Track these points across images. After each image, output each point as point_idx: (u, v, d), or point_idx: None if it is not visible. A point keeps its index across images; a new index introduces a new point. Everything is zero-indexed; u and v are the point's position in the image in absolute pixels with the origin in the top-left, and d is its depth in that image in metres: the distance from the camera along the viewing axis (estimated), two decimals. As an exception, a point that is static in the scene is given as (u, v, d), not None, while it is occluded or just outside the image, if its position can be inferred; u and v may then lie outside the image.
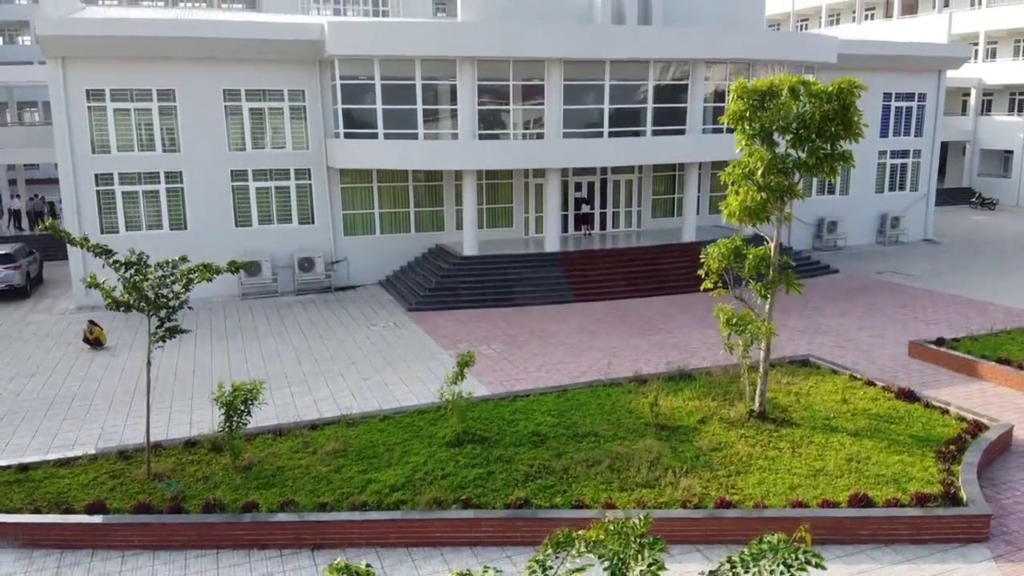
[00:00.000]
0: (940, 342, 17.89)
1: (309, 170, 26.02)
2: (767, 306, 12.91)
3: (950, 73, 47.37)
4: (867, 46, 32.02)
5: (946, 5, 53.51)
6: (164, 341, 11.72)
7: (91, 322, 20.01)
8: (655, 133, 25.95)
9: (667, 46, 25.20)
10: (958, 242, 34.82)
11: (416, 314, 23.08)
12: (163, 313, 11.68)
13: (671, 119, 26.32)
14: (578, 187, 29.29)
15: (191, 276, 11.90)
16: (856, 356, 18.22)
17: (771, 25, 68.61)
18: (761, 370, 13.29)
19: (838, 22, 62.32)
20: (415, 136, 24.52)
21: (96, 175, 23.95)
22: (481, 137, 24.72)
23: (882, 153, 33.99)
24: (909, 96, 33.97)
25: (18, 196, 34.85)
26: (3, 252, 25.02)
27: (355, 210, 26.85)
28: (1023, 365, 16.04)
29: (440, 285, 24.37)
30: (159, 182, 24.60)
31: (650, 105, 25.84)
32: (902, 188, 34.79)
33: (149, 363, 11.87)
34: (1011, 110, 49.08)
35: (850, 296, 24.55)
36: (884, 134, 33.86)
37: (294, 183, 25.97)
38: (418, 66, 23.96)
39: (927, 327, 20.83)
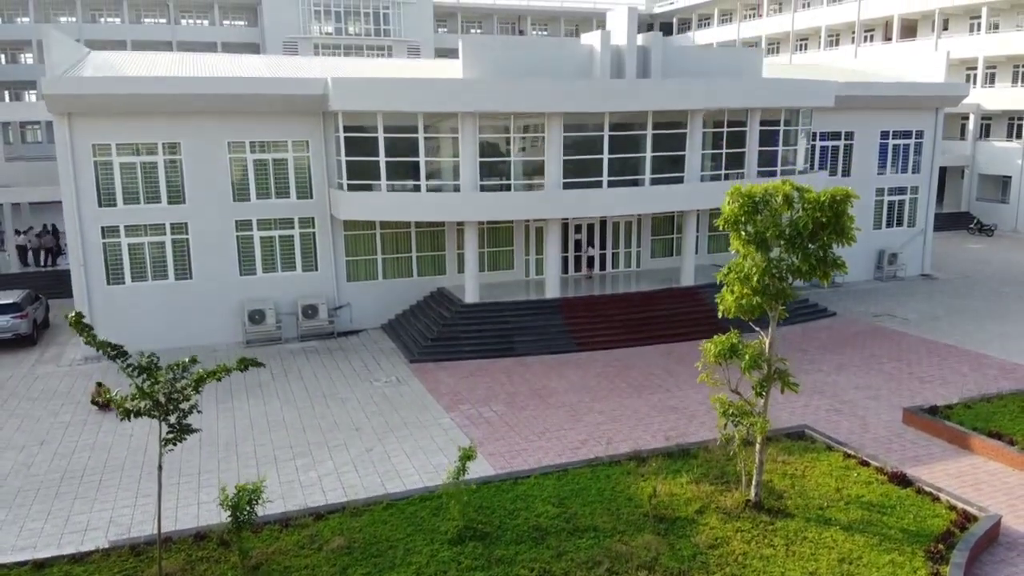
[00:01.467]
0: (934, 411, 18.19)
1: (313, 218, 26.34)
2: (762, 402, 13.21)
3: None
4: (865, 87, 32.30)
5: (945, 28, 53.81)
6: (175, 444, 12.00)
7: (98, 384, 20.33)
8: (654, 182, 26.25)
9: (666, 99, 25.50)
10: (955, 277, 35.12)
11: (418, 366, 23.40)
12: (173, 419, 11.96)
13: (670, 167, 26.63)
14: (578, 229, 29.62)
15: (201, 379, 12.16)
16: (851, 423, 18.52)
17: (770, 44, 69.01)
18: (757, 460, 13.59)
19: (837, 43, 62.61)
20: (418, 187, 24.85)
21: (103, 227, 24.28)
22: (483, 188, 25.03)
23: (880, 190, 34.31)
24: (907, 134, 34.27)
25: (24, 232, 35.11)
26: (10, 301, 25.37)
27: (358, 256, 27.17)
28: (1014, 440, 16.35)
29: (441, 335, 24.69)
30: (164, 233, 24.93)
31: (648, 154, 26.14)
32: (900, 224, 35.11)
33: (160, 467, 12.14)
34: (1009, 135, 49.36)
35: (846, 345, 24.85)
36: (882, 171, 34.19)
37: (298, 231, 26.29)
38: (420, 120, 24.29)
39: (921, 385, 21.15)
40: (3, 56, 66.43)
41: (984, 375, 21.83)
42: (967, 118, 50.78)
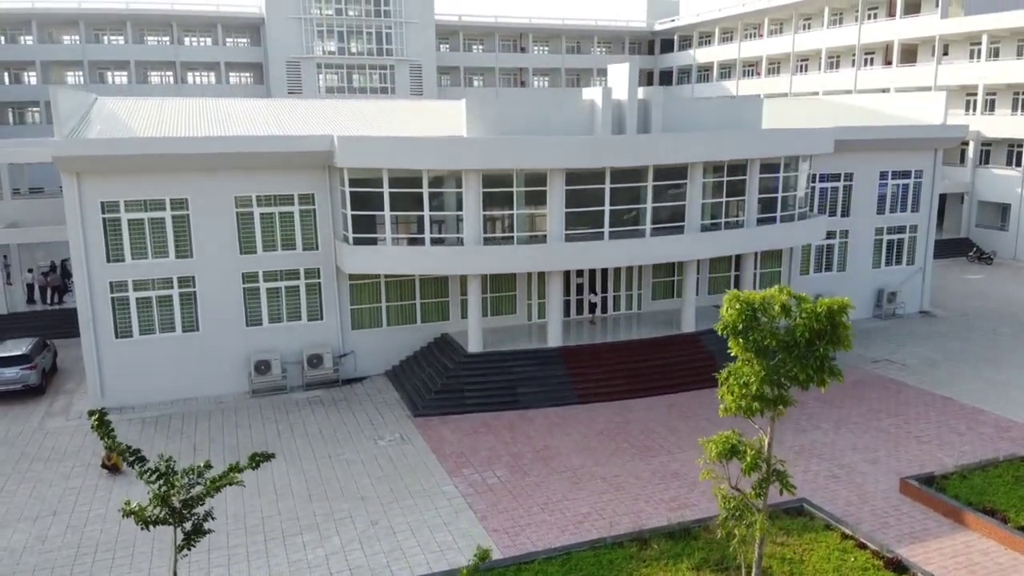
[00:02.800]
0: (930, 481, 18.52)
1: (318, 269, 26.67)
2: (760, 503, 13.51)
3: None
4: (864, 131, 32.61)
5: (945, 53, 54.08)
6: (189, 549, 12.33)
7: (108, 448, 20.60)
8: (655, 232, 26.55)
9: (667, 153, 25.82)
10: (953, 315, 35.43)
11: (422, 420, 23.73)
12: (188, 525, 12.28)
13: (670, 216, 26.95)
14: (579, 273, 29.92)
15: (217, 484, 12.47)
16: (849, 493, 18.84)
17: (771, 64, 69.27)
18: (756, 554, 13.89)
19: (837, 66, 62.89)
20: (422, 241, 25.17)
21: (111, 283, 24.60)
22: (486, 241, 25.34)
23: (879, 230, 34.61)
24: (906, 173, 34.57)
25: (31, 270, 35.45)
26: (19, 353, 25.71)
27: (362, 304, 27.50)
28: (1007, 518, 16.67)
29: (445, 387, 25.02)
30: (172, 287, 25.27)
31: (649, 205, 26.44)
32: (899, 262, 35.41)
33: (175, 573, 12.45)
34: (1009, 163, 49.65)
35: (846, 397, 25.12)
36: (881, 211, 34.48)
37: (303, 282, 26.62)
38: (425, 176, 24.61)
39: (919, 446, 21.47)
40: (7, 76, 66.71)
41: (980, 435, 22.15)
42: (967, 144, 51.04)
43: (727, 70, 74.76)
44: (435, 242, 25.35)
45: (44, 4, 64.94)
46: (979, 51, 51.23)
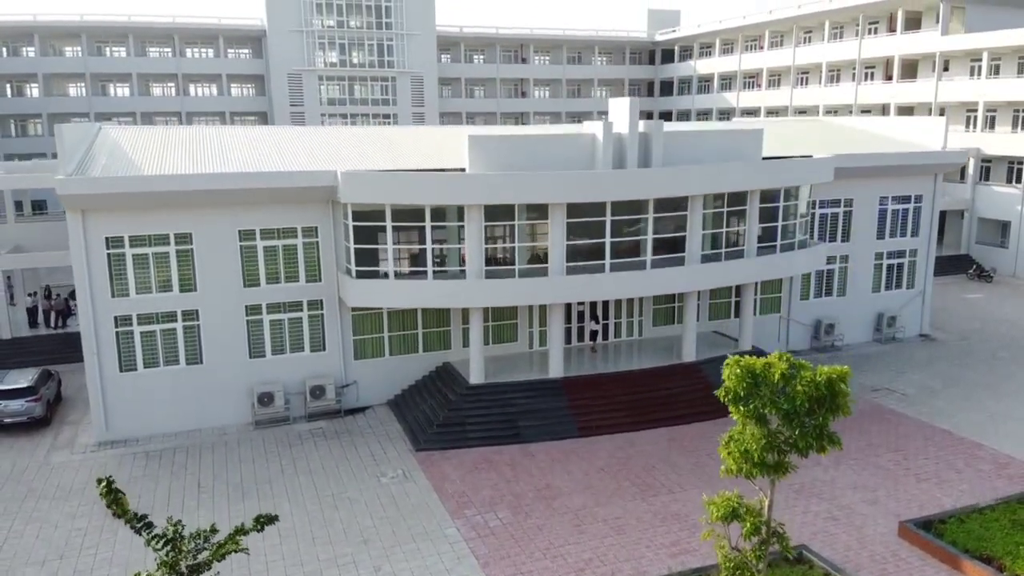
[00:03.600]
0: (928, 526, 18.69)
1: (321, 300, 26.85)
2: (760, 565, 13.68)
3: (949, 143, 48.21)
4: (865, 159, 32.79)
5: (945, 69, 54.21)
6: (195, 617, 12.47)
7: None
8: (655, 264, 26.70)
9: (667, 186, 26.01)
10: (953, 338, 35.60)
11: (424, 455, 23.89)
12: (196, 593, 12.43)
13: (671, 246, 27.10)
14: (580, 301, 30.08)
15: (222, 551, 12.62)
16: (848, 536, 19.01)
17: (772, 76, 69.40)
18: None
19: (838, 80, 63.02)
20: (424, 275, 25.33)
21: (115, 317, 24.78)
22: (488, 275, 25.48)
23: (879, 255, 34.77)
24: (906, 198, 34.73)
25: (33, 294, 35.63)
26: (25, 386, 25.89)
27: (365, 335, 27.68)
28: (1003, 567, 16.85)
29: (448, 420, 25.19)
30: (176, 320, 25.43)
31: (650, 236, 26.61)
32: (899, 286, 35.57)
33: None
34: (1009, 180, 49.84)
35: (846, 431, 24.53)
36: (881, 235, 34.64)
37: (306, 314, 26.80)
38: (428, 210, 24.78)
39: (918, 484, 21.64)
40: (9, 88, 66.91)
41: (978, 472, 22.32)
42: (967, 160, 51.17)
43: (727, 81, 74.91)
44: (437, 275, 25.51)
45: (46, 17, 65.17)
46: (980, 67, 51.35)
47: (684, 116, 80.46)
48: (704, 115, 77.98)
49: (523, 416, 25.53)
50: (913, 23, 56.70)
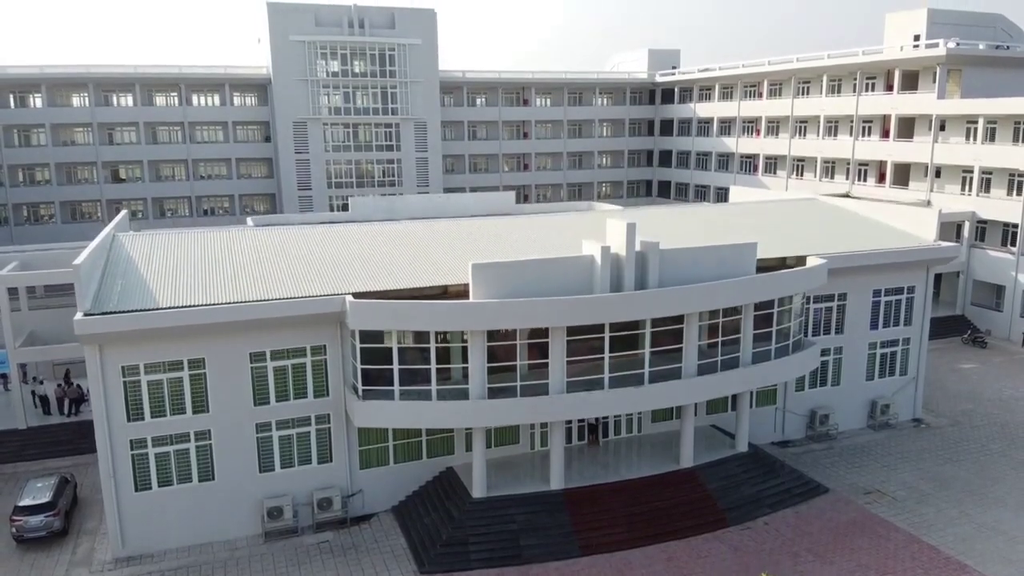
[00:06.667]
0: None
1: (328, 414, 27.70)
2: None
3: (945, 207, 49.10)
4: (858, 258, 33.56)
5: (942, 129, 54.91)
6: None
7: None
8: (653, 378, 27.52)
9: (664, 307, 26.83)
10: (945, 423, 36.45)
11: (429, 577, 24.78)
12: None
13: (668, 358, 27.92)
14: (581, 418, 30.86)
15: None
16: None
17: (771, 124, 70.15)
18: None
19: (836, 132, 63.77)
20: (428, 395, 26.17)
21: (131, 440, 25.65)
22: (490, 394, 26.30)
23: (872, 344, 35.56)
24: (899, 290, 35.51)
25: (42, 380, 36.43)
26: (44, 501, 26.78)
27: (371, 445, 28.53)
28: None
29: (451, 539, 26.02)
30: (189, 441, 26.30)
31: (647, 350, 27.43)
32: (891, 374, 36.35)
33: None
34: (1003, 243, 50.55)
35: (836, 549, 26.01)
36: (874, 327, 35.43)
37: (314, 428, 27.66)
38: (432, 335, 25.64)
39: (904, 619, 22.49)
40: (16, 137, 67.78)
41: (964, 602, 23.16)
42: (963, 223, 51.95)
43: (727, 125, 75.67)
44: (441, 393, 26.32)
45: (53, 69, 66.05)
46: (976, 130, 52.03)
47: (684, 156, 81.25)
48: (703, 156, 78.75)
49: (525, 534, 26.35)
50: (910, 80, 57.45)
